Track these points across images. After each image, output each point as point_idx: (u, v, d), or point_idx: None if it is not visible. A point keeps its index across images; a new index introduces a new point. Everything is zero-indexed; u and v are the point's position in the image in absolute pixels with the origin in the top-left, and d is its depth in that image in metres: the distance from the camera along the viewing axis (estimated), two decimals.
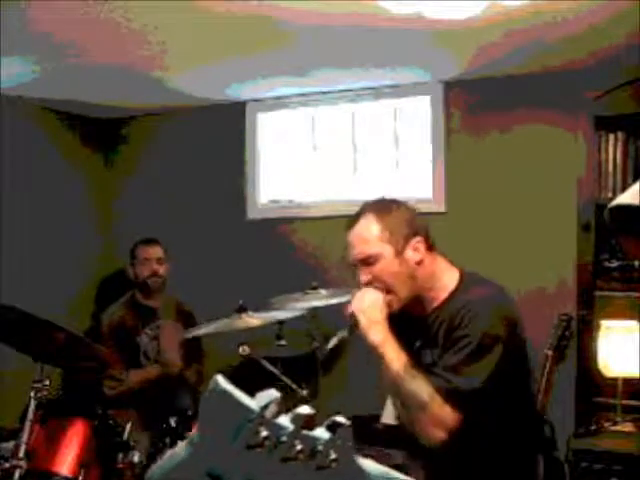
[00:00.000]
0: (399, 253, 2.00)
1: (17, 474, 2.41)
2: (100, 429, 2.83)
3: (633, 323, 3.22)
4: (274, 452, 0.66)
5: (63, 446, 2.70)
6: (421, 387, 1.90)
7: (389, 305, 2.01)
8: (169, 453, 0.78)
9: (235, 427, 0.68)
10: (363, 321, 1.99)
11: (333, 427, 0.68)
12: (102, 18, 2.95)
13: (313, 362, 3.54)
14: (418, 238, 2.03)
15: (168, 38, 3.27)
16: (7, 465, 2.45)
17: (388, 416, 3.61)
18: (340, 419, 0.69)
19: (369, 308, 1.99)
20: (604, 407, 3.34)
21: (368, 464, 0.71)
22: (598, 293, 3.39)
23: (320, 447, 0.67)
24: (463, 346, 1.92)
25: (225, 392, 0.70)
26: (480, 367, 1.90)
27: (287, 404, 0.69)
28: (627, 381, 3.22)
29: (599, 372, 3.30)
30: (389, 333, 1.97)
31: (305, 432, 0.67)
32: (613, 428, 3.19)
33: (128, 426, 2.87)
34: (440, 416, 1.88)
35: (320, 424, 0.69)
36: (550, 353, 3.25)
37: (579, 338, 3.35)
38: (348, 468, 0.68)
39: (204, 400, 0.72)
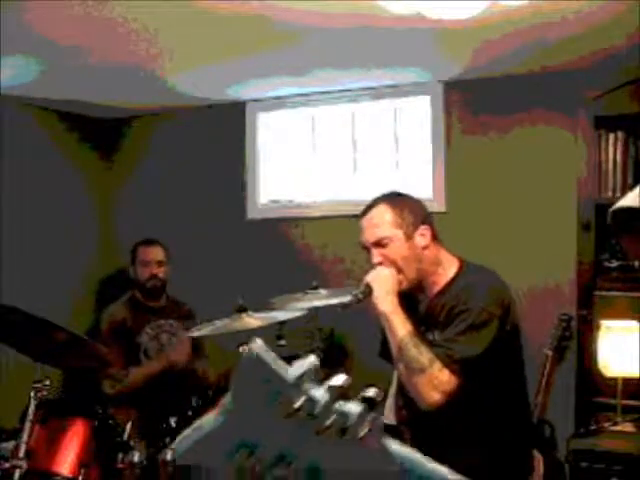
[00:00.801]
0: (408, 238, 2.22)
1: (17, 474, 2.41)
2: (100, 429, 2.83)
3: (633, 323, 3.22)
4: (307, 424, 0.65)
5: (63, 446, 2.70)
6: (422, 353, 2.08)
7: (399, 283, 2.22)
8: (197, 423, 0.77)
9: (269, 395, 0.67)
10: (377, 291, 2.18)
11: (365, 402, 0.68)
12: (102, 18, 2.95)
13: None
14: (425, 226, 2.26)
15: (168, 38, 3.27)
16: (7, 465, 2.45)
17: (388, 416, 3.61)
18: (371, 394, 0.69)
19: (383, 281, 2.19)
20: (604, 407, 3.34)
21: (393, 444, 0.71)
22: (598, 293, 3.38)
23: (351, 422, 0.67)
24: (462, 320, 2.11)
25: (260, 359, 0.69)
26: (477, 338, 2.08)
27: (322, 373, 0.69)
28: (627, 381, 3.22)
29: (599, 372, 3.30)
30: (398, 305, 2.17)
31: (337, 405, 0.67)
32: (613, 428, 3.19)
33: (128, 426, 2.87)
34: (438, 379, 2.05)
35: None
36: (550, 353, 3.25)
37: (579, 338, 3.35)
38: (375, 444, 0.68)
39: (239, 367, 0.71)
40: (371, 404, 0.69)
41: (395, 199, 2.29)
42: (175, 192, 4.74)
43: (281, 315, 3.11)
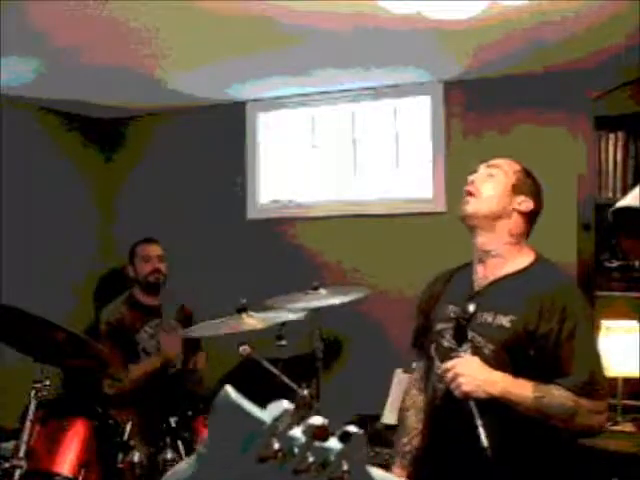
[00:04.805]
0: (511, 192, 2.21)
1: (17, 474, 2.42)
2: (100, 429, 2.83)
3: (633, 323, 3.23)
4: (286, 465, 0.65)
5: (63, 446, 2.70)
6: (561, 399, 1.98)
7: (466, 206, 2.19)
8: (175, 468, 0.76)
9: (246, 440, 0.66)
10: (474, 382, 1.99)
11: (345, 437, 0.67)
12: (102, 18, 2.95)
13: (313, 362, 3.54)
14: (530, 201, 2.25)
15: (168, 38, 3.27)
16: (7, 465, 2.45)
17: (388, 416, 3.61)
18: (352, 429, 0.67)
19: (475, 372, 2.01)
20: None
21: (379, 474, 0.71)
22: (598, 293, 3.38)
23: (332, 458, 0.66)
24: (570, 336, 2.02)
25: (235, 404, 0.68)
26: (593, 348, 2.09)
27: (300, 413, 0.68)
28: (627, 381, 3.22)
29: None
30: (502, 377, 2.00)
31: (317, 443, 0.66)
32: (613, 428, 3.19)
33: (128, 426, 2.88)
34: (591, 409, 1.99)
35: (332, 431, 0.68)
36: None
37: None
38: (360, 479, 0.67)
39: (213, 413, 0.70)
40: (350, 439, 0.68)
41: (529, 170, 2.34)
42: (175, 192, 4.74)
43: (281, 315, 3.11)
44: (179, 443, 3.01)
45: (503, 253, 2.19)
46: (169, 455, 2.96)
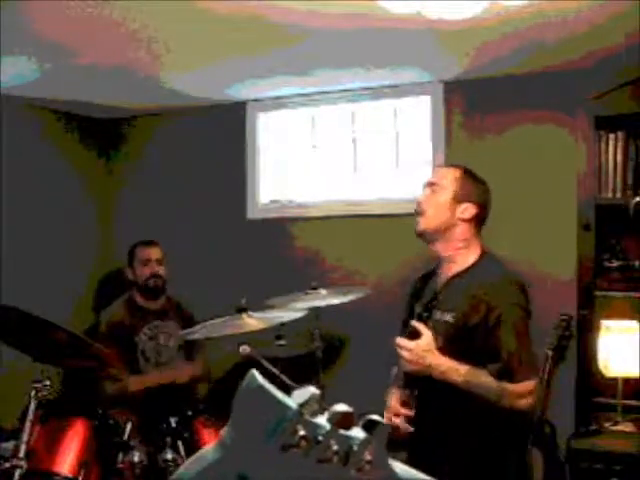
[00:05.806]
0: (454, 201, 2.43)
1: (17, 474, 2.42)
2: (100, 429, 2.83)
3: (633, 323, 3.23)
4: (310, 453, 0.64)
5: (63, 446, 2.70)
6: (487, 383, 2.25)
7: (417, 224, 2.47)
8: (198, 454, 0.74)
9: (271, 426, 0.64)
10: (417, 368, 2.33)
11: (369, 426, 0.67)
12: (102, 18, 2.95)
13: (313, 362, 3.54)
14: (475, 208, 2.44)
15: (168, 38, 3.27)
16: (7, 465, 2.45)
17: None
18: (376, 418, 0.67)
19: (420, 353, 2.32)
20: (604, 407, 3.34)
21: (399, 467, 0.70)
22: (598, 293, 3.38)
23: (355, 448, 0.65)
24: (503, 325, 2.30)
25: (261, 389, 0.67)
26: (522, 336, 2.35)
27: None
28: (627, 381, 3.23)
29: (599, 372, 3.30)
30: (442, 362, 2.29)
31: (341, 431, 0.65)
32: (613, 428, 3.19)
33: (128, 426, 2.88)
34: (515, 393, 2.27)
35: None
36: (550, 353, 3.25)
37: (579, 338, 3.35)
38: (381, 470, 0.67)
39: (238, 397, 0.68)
40: (374, 429, 0.67)
41: (471, 172, 2.52)
42: (175, 192, 4.74)
43: (281, 315, 3.11)
44: (179, 443, 3.01)
45: (455, 257, 2.44)
46: (169, 455, 2.96)
